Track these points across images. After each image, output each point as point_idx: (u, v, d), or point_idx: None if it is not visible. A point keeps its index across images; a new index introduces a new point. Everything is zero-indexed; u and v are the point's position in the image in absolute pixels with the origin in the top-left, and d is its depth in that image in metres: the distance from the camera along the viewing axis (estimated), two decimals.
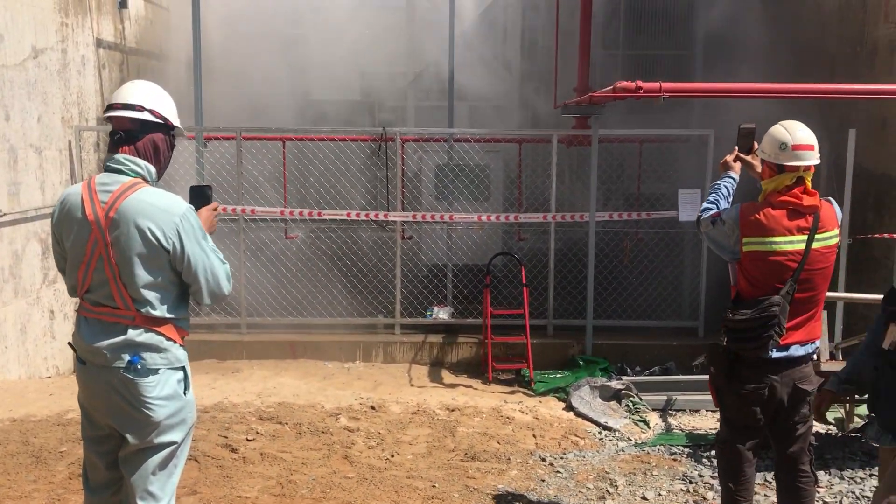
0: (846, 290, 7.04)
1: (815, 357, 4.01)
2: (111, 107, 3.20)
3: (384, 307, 9.04)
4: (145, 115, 3.16)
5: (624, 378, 7.27)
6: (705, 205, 4.11)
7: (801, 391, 3.84)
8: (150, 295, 3.07)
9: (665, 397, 7.03)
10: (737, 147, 4.18)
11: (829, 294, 4.32)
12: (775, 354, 3.78)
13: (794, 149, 3.78)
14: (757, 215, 3.78)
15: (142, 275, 3.04)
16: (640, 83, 6.34)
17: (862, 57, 8.27)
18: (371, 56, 10.68)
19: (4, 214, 7.08)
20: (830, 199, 3.92)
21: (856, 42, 8.40)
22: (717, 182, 4.23)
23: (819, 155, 3.85)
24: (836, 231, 3.88)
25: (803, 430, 3.92)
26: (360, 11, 11.10)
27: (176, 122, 3.27)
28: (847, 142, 7.15)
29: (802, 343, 3.85)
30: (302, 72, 11.17)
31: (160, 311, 3.09)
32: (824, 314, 4.88)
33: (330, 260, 9.11)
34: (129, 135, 3.16)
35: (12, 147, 7.19)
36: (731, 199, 4.16)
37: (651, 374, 7.94)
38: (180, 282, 3.17)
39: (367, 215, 8.68)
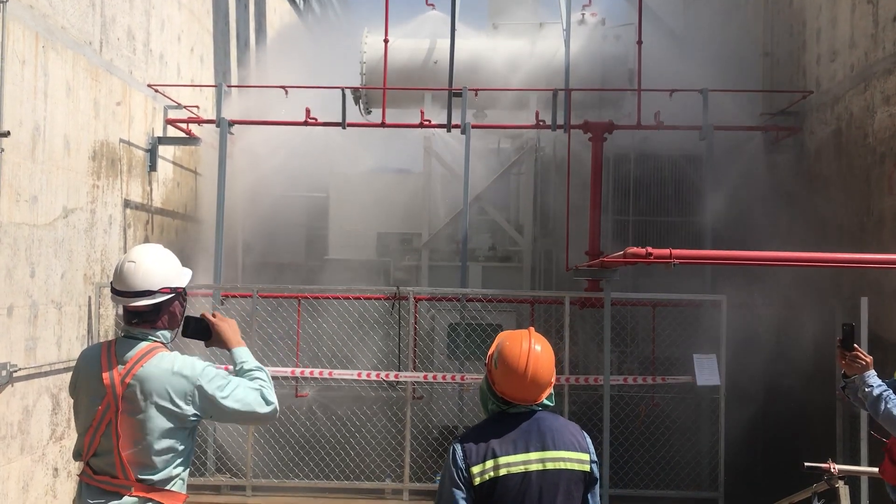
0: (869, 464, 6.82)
1: None
2: (120, 294, 3.14)
3: (392, 471, 8.79)
4: (158, 298, 3.14)
5: None
6: (886, 404, 4.35)
7: None
8: (154, 460, 3.05)
9: None
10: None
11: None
12: None
13: None
14: None
15: (149, 441, 3.04)
16: (650, 249, 6.35)
17: (869, 227, 8.41)
18: (387, 217, 11.03)
19: (19, 369, 7.11)
20: None
21: (862, 212, 8.57)
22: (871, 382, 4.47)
23: None
24: None
25: None
26: (380, 175, 11.58)
27: (185, 280, 3.26)
28: (860, 311, 7.16)
29: None
30: (321, 231, 11.52)
31: (161, 475, 3.06)
32: None
33: (339, 420, 8.98)
34: (145, 316, 3.17)
35: (34, 303, 7.33)
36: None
37: None
38: (190, 439, 3.15)
39: (377, 375, 8.63)
